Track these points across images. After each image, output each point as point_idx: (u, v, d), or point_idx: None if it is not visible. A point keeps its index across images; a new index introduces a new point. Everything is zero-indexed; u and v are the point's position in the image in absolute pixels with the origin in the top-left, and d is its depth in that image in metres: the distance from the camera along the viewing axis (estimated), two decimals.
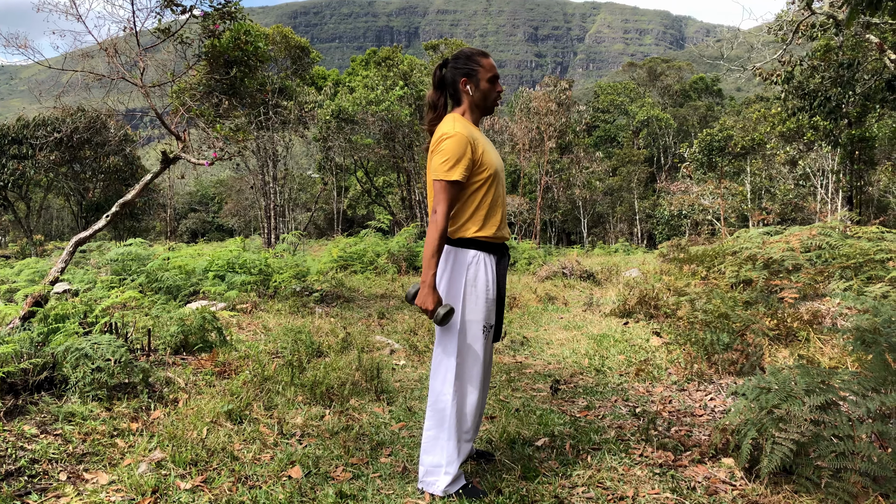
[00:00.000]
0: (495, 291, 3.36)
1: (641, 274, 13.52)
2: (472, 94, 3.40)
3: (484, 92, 3.41)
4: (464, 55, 3.43)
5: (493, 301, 3.34)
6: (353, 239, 17.50)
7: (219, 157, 9.69)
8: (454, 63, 3.43)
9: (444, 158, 3.18)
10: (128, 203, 8.69)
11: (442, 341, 3.34)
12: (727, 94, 79.69)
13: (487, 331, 3.34)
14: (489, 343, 3.39)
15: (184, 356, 5.86)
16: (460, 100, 3.43)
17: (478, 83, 3.40)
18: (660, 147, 59.45)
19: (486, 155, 3.29)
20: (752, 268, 8.66)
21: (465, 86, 3.39)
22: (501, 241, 3.42)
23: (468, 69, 3.39)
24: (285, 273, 10.34)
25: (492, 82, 3.42)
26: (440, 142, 3.23)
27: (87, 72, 9.29)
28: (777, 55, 15.92)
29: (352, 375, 5.31)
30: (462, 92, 3.41)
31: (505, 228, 3.42)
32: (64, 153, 24.96)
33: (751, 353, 5.61)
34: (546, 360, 6.54)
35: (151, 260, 10.32)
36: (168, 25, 9.63)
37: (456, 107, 3.46)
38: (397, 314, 9.18)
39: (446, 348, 3.31)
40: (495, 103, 3.48)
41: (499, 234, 3.37)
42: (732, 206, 34.12)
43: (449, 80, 3.44)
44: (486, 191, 3.30)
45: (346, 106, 31.35)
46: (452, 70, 3.42)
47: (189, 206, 63.03)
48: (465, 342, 3.30)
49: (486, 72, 3.40)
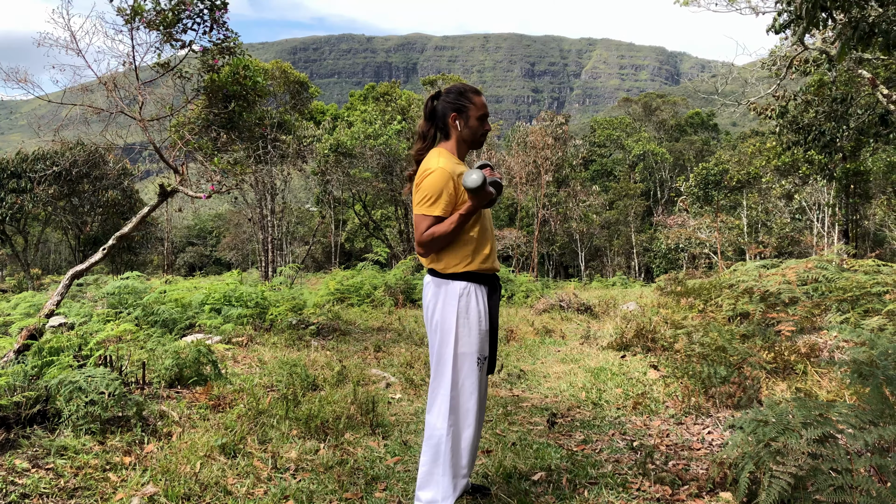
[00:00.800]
0: (488, 323, 3.35)
1: (639, 307, 13.50)
2: (460, 129, 3.42)
3: (472, 129, 3.43)
4: (456, 90, 3.46)
5: (486, 332, 3.34)
6: (351, 272, 17.50)
7: (216, 190, 9.71)
8: (446, 97, 3.45)
9: (424, 195, 3.24)
10: (125, 236, 8.68)
11: (437, 375, 3.33)
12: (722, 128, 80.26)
13: (481, 363, 3.32)
14: (484, 375, 3.37)
15: (178, 389, 5.82)
16: (449, 134, 3.45)
17: (467, 120, 3.42)
18: (656, 181, 59.72)
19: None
20: (748, 301, 8.66)
21: (454, 121, 3.41)
22: (492, 273, 3.42)
23: (459, 105, 3.42)
24: (282, 306, 10.31)
25: (481, 120, 3.44)
26: (423, 177, 3.27)
27: (86, 106, 9.34)
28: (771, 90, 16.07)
29: (347, 409, 5.27)
30: (451, 126, 3.43)
31: (495, 261, 3.43)
32: (62, 187, 25.03)
33: (748, 386, 5.58)
34: (543, 394, 6.50)
35: (148, 293, 10.30)
36: (167, 60, 9.71)
37: (444, 140, 3.48)
38: (393, 347, 9.14)
39: (441, 381, 3.30)
40: (483, 140, 3.51)
41: (488, 266, 3.37)
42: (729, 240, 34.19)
43: (439, 113, 3.47)
44: (472, 224, 3.31)
45: (345, 140, 31.52)
46: (444, 104, 3.45)
47: (187, 240, 63.05)
48: (459, 375, 3.28)
49: (476, 109, 3.42)
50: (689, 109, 72.81)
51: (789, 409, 3.56)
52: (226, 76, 9.94)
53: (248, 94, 10.28)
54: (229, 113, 10.23)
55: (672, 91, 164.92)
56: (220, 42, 9.76)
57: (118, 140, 10.88)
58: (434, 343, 3.36)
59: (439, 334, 3.31)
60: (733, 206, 38.62)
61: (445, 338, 3.27)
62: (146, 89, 9.53)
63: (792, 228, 33.72)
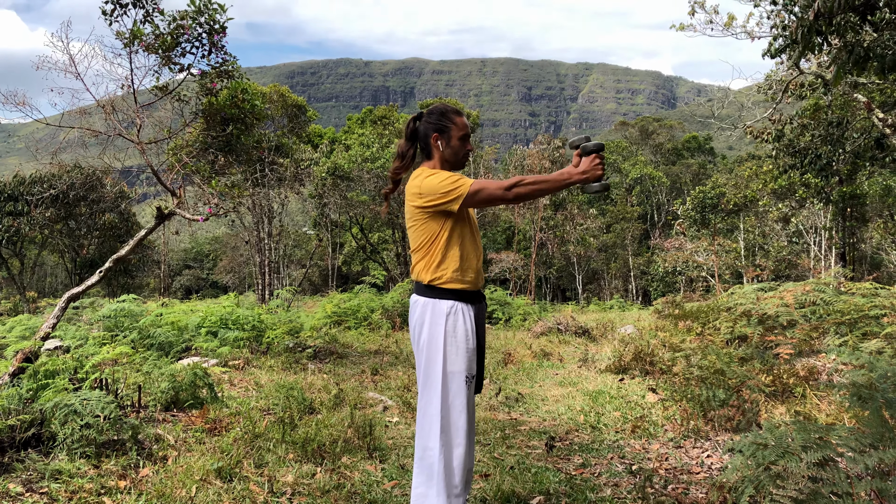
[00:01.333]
0: (475, 340, 3.34)
1: (637, 330, 13.48)
2: (442, 149, 3.42)
3: (454, 149, 3.43)
4: (437, 111, 3.47)
5: (474, 350, 3.33)
6: (348, 295, 17.48)
7: (214, 213, 9.73)
8: (428, 118, 3.46)
9: (440, 180, 3.22)
10: (121, 259, 8.68)
11: (425, 394, 3.31)
12: (719, 152, 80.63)
13: (469, 381, 3.31)
14: (472, 394, 3.36)
15: (174, 413, 5.79)
16: (431, 154, 3.46)
17: (449, 140, 3.42)
18: (653, 204, 59.93)
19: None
20: (746, 324, 8.65)
21: (435, 141, 3.42)
22: (477, 290, 3.42)
23: (441, 125, 3.42)
24: (278, 329, 10.29)
25: (463, 140, 3.45)
26: (423, 180, 3.27)
27: (84, 129, 9.38)
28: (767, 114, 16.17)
29: (344, 432, 5.25)
30: (433, 147, 3.43)
31: (480, 278, 3.42)
32: (59, 210, 25.02)
33: (747, 409, 5.57)
34: (541, 417, 6.48)
35: (144, 316, 10.27)
36: (166, 83, 9.76)
37: (426, 160, 3.48)
38: (391, 370, 9.11)
39: (430, 401, 3.29)
40: (465, 160, 3.51)
41: (474, 281, 3.37)
42: (726, 263, 34.23)
43: (421, 134, 3.47)
44: (459, 241, 3.31)
45: (342, 163, 31.62)
46: (425, 124, 3.46)
47: (184, 263, 63.01)
48: (448, 394, 3.27)
49: (458, 130, 3.43)
50: (685, 133, 73.21)
51: (789, 432, 3.55)
52: (224, 99, 9.99)
53: (245, 118, 10.33)
54: (227, 136, 10.27)
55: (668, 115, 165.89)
56: (219, 66, 9.81)
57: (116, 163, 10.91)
58: (421, 362, 3.35)
59: (426, 353, 3.30)
60: (730, 230, 38.72)
61: (433, 356, 3.26)
62: (144, 112, 9.58)
63: (789, 251, 33.77)
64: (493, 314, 17.79)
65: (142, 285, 41.41)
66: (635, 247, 51.99)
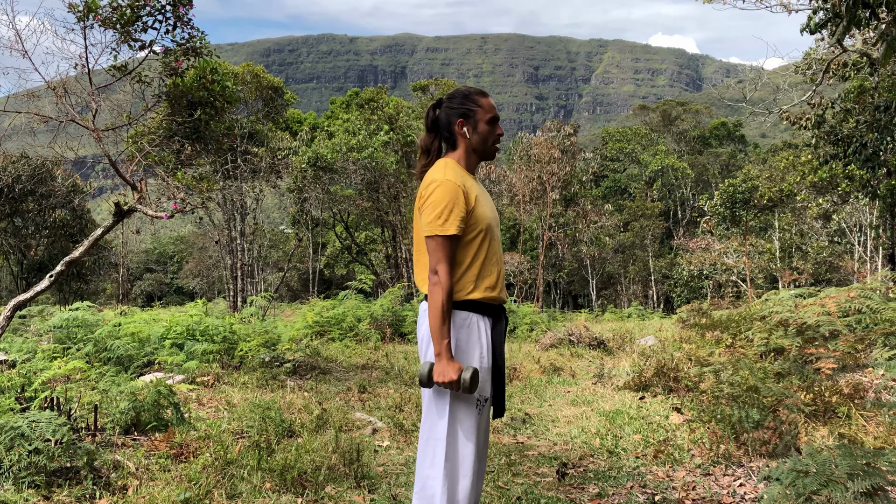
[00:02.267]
0: (491, 359, 3.33)
1: (658, 342, 13.49)
2: (469, 136, 3.41)
3: (482, 135, 3.43)
4: (460, 94, 3.46)
5: (489, 370, 3.31)
6: (331, 302, 17.46)
7: (179, 209, 9.70)
8: (449, 103, 3.45)
9: (435, 211, 3.19)
10: (75, 261, 8.66)
11: (429, 418, 3.29)
12: (751, 140, 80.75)
13: (482, 405, 3.30)
14: (485, 419, 3.35)
15: (135, 436, 5.78)
16: (456, 143, 3.45)
17: (476, 125, 3.41)
18: (676, 199, 59.97)
19: (479, 206, 3.30)
20: (783, 334, 8.65)
21: (461, 128, 3.41)
22: (497, 302, 3.41)
23: (465, 109, 3.42)
24: (253, 341, 10.27)
25: (491, 124, 3.44)
26: (429, 192, 3.23)
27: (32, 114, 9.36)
28: (806, 97, 16.19)
29: (328, 458, 5.24)
30: (458, 135, 3.42)
31: (502, 290, 3.41)
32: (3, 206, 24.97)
33: (784, 431, 5.57)
34: (551, 441, 6.48)
35: (100, 326, 10.24)
36: (125, 63, 9.74)
37: (451, 151, 3.48)
38: (381, 388, 9.10)
39: (434, 426, 3.27)
40: (495, 148, 3.50)
41: (494, 296, 3.35)
42: (759, 266, 34.27)
43: (443, 122, 3.46)
44: (477, 248, 3.29)
45: (325, 153, 31.60)
46: (447, 110, 3.45)
47: (144, 266, 62.93)
48: (455, 418, 3.25)
49: (485, 112, 3.42)
50: (713, 119, 73.23)
51: (832, 457, 3.55)
52: (191, 81, 9.97)
53: (215, 101, 10.31)
54: (194, 122, 10.25)
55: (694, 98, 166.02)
56: (185, 42, 9.79)
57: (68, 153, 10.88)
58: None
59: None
60: (764, 228, 38.75)
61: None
62: (100, 95, 9.56)
63: (830, 253, 33.81)
64: None
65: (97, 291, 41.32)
66: (656, 247, 52.04)
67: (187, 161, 10.76)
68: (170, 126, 10.28)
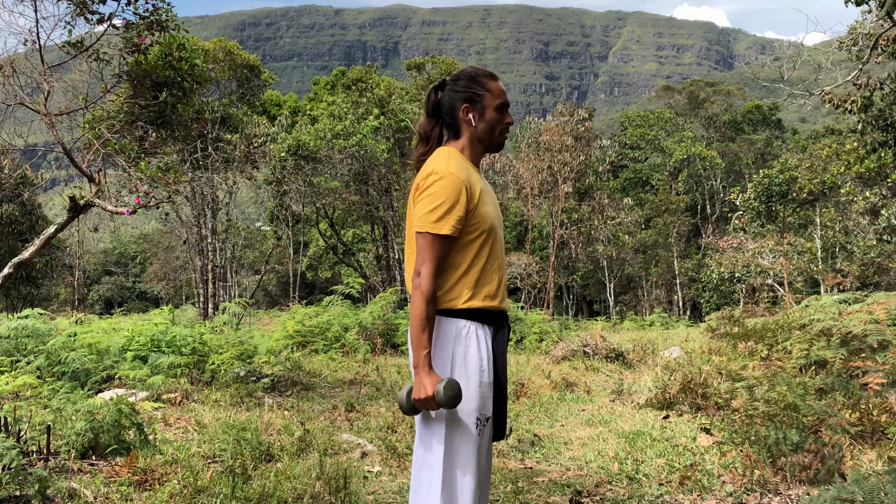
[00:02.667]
0: (492, 373, 3.33)
1: (684, 354, 13.51)
2: (474, 124, 3.41)
3: (490, 123, 3.43)
4: (466, 76, 3.46)
5: (490, 386, 3.31)
6: (315, 309, 17.45)
7: (143, 204, 9.72)
8: (454, 85, 3.45)
9: (432, 205, 3.19)
10: (24, 263, 8.67)
11: (424, 440, 3.29)
12: (788, 125, 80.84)
13: (483, 424, 3.30)
14: (486, 441, 3.35)
15: (93, 461, 5.78)
16: (459, 131, 3.45)
17: (483, 111, 3.42)
18: (705, 192, 60.02)
19: (482, 205, 3.30)
20: (825, 345, 8.66)
21: (466, 114, 3.41)
22: (498, 310, 3.41)
23: (471, 93, 3.42)
24: (226, 353, 10.28)
25: (500, 111, 3.44)
26: (428, 184, 3.23)
27: None
28: (851, 77, 16.17)
29: (311, 486, 5.24)
30: (462, 121, 3.43)
31: (503, 299, 3.41)
32: None
33: (827, 455, 5.58)
34: (564, 466, 6.48)
35: (53, 336, 10.25)
36: (81, 38, 9.74)
37: (453, 139, 3.48)
38: (370, 406, 9.11)
39: (430, 448, 3.27)
40: (503, 138, 3.50)
41: (495, 304, 3.35)
42: (799, 267, 34.28)
43: (446, 107, 3.46)
44: (477, 250, 3.29)
45: (307, 140, 31.62)
46: (451, 94, 3.45)
47: (103, 268, 62.99)
48: (453, 440, 3.24)
49: (493, 98, 3.43)
50: (746, 101, 73.21)
51: (881, 484, 3.56)
52: (155, 58, 9.98)
53: (183, 82, 10.32)
54: (160, 105, 10.26)
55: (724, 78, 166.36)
56: (149, 15, 9.80)
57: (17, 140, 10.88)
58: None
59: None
60: (804, 225, 38.78)
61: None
62: (53, 75, 9.56)
63: (879, 253, 33.81)
64: None
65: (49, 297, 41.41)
66: (682, 247, 52.07)
67: (151, 149, 10.76)
68: (132, 110, 10.29)
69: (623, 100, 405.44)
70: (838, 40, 16.63)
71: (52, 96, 9.27)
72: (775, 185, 33.29)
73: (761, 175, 34.26)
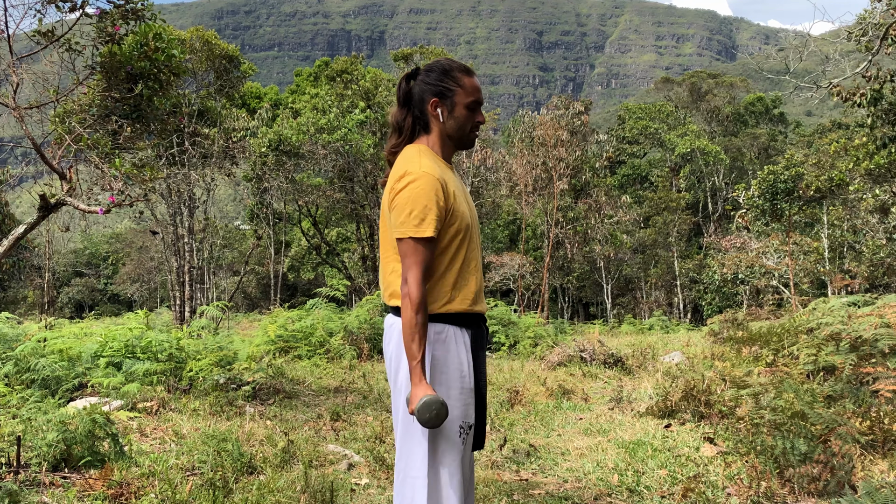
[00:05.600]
0: (473, 378, 3.33)
1: (686, 359, 13.53)
2: (443, 120, 3.42)
3: (459, 121, 3.43)
4: (439, 68, 3.46)
5: (471, 391, 3.32)
6: (297, 312, 17.43)
7: (117, 202, 9.68)
8: (426, 76, 3.45)
9: (410, 209, 3.20)
10: None
11: (405, 451, 3.30)
12: (793, 118, 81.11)
13: (466, 433, 3.31)
14: (468, 450, 3.36)
15: (66, 473, 5.77)
16: (428, 126, 3.46)
17: (452, 108, 3.42)
18: (707, 189, 60.14)
19: (457, 202, 3.31)
20: (834, 350, 8.69)
21: (434, 108, 3.41)
22: (476, 311, 3.42)
23: (442, 87, 3.41)
24: (204, 359, 10.26)
25: (471, 109, 3.43)
26: (402, 186, 3.23)
27: None
28: (860, 68, 16.22)
29: (296, 499, 5.25)
30: (431, 115, 3.43)
31: (481, 301, 3.42)
32: None
33: (837, 465, 5.59)
34: (561, 477, 6.49)
35: (22, 342, 10.22)
36: (52, 27, 9.70)
37: (423, 133, 3.48)
38: (357, 415, 9.11)
39: (412, 460, 3.27)
40: (474, 136, 3.50)
41: (473, 308, 3.36)
42: (805, 268, 34.39)
43: (416, 98, 3.47)
44: (454, 252, 3.30)
45: (289, 134, 31.58)
46: (422, 85, 3.45)
47: (73, 269, 62.77)
48: (436, 450, 3.26)
49: (465, 95, 3.42)
50: (749, 93, 73.43)
51: (893, 495, 3.57)
52: (130, 49, 9.94)
53: (160, 73, 10.28)
54: (135, 98, 10.22)
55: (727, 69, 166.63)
56: (123, 3, 9.76)
57: None
58: (399, 406, 3.35)
59: (405, 394, 3.30)
60: (810, 224, 38.88)
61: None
62: (22, 66, 9.52)
63: (889, 253, 33.94)
64: (494, 337, 17.81)
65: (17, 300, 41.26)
66: (682, 246, 52.19)
67: (126, 145, 10.72)
68: (105, 103, 10.24)
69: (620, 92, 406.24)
70: (846, 30, 16.67)
71: (20, 88, 9.24)
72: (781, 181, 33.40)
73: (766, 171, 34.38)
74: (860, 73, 16.37)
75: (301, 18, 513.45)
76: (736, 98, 71.83)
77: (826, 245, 36.52)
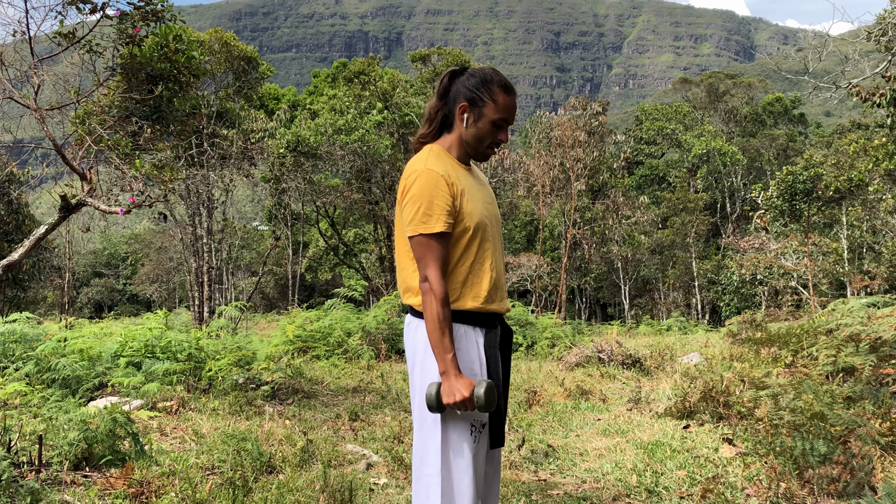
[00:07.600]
0: (486, 377, 3.33)
1: (704, 360, 13.49)
2: (465, 125, 3.42)
3: (480, 132, 3.42)
4: (481, 75, 3.45)
5: None
6: (316, 312, 17.47)
7: (137, 203, 9.73)
8: (466, 79, 3.45)
9: (417, 206, 3.21)
10: (13, 265, 8.69)
11: (419, 450, 3.30)
12: (812, 119, 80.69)
13: (478, 431, 3.30)
14: (482, 449, 3.35)
15: (87, 472, 5.79)
16: (452, 126, 3.46)
17: (479, 117, 3.41)
18: (725, 190, 59.89)
19: (466, 201, 3.30)
20: (854, 351, 8.65)
21: (462, 112, 3.41)
22: (495, 311, 3.41)
23: (476, 95, 3.41)
24: (223, 359, 10.28)
25: (497, 126, 3.42)
26: (409, 184, 3.25)
27: None
28: (880, 69, 16.14)
29: (315, 499, 5.25)
30: (457, 117, 3.44)
31: (497, 300, 3.42)
32: None
33: (857, 466, 5.57)
34: (580, 478, 6.48)
35: (43, 341, 10.26)
36: (73, 29, 9.75)
37: (446, 132, 3.49)
38: (375, 414, 9.11)
39: (426, 459, 3.28)
40: (491, 151, 3.50)
41: (484, 306, 3.35)
42: (824, 269, 34.21)
43: (451, 96, 3.47)
44: (463, 249, 3.30)
45: (307, 135, 31.63)
46: (460, 86, 3.44)
47: (93, 270, 63.06)
48: (448, 448, 3.25)
49: (495, 111, 3.41)
50: (768, 94, 73.09)
51: None
52: (150, 50, 9.98)
53: (179, 75, 10.32)
54: (155, 99, 10.26)
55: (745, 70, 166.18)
56: (143, 4, 9.80)
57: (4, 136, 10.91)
58: (415, 405, 3.35)
59: (421, 393, 3.30)
60: (829, 224, 38.71)
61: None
62: (43, 68, 9.57)
63: None
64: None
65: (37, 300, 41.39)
66: (700, 247, 51.99)
67: (146, 146, 10.77)
68: (125, 104, 10.29)
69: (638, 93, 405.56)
70: (866, 30, 16.59)
71: (41, 90, 9.29)
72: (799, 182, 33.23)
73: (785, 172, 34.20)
74: (880, 73, 16.29)
75: (319, 20, 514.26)
76: (754, 98, 71.51)
77: (845, 246, 36.36)
